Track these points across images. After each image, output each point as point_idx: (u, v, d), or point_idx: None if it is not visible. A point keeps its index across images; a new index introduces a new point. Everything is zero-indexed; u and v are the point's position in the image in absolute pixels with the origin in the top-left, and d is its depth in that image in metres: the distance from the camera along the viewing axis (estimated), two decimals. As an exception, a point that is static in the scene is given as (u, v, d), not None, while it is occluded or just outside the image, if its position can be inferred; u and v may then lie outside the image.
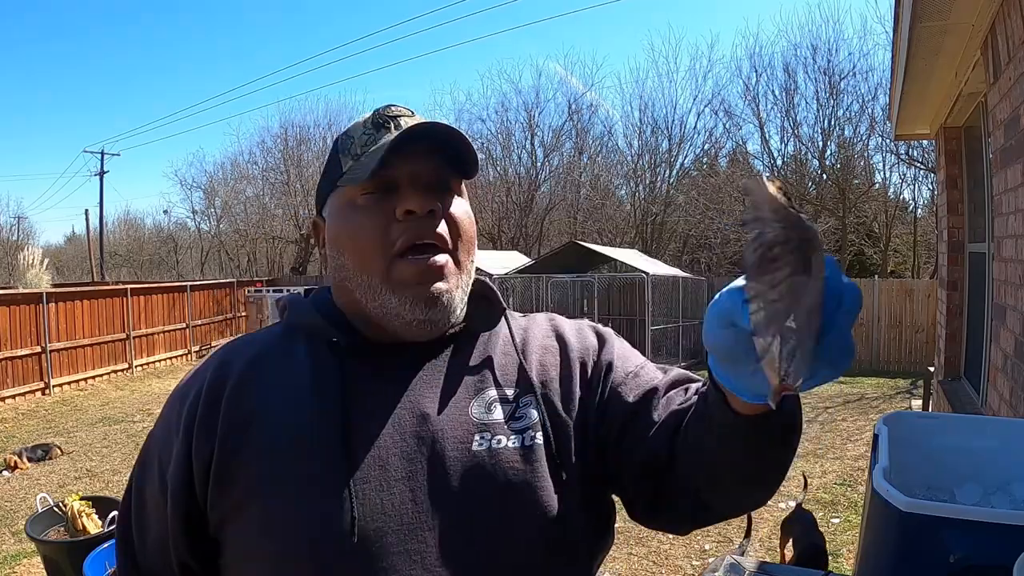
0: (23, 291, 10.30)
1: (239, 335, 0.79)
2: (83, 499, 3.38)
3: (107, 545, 2.78)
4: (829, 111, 15.88)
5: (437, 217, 0.71)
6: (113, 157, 30.74)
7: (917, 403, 7.59)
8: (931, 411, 4.98)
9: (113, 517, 3.09)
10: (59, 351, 9.78)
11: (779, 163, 17.05)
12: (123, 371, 11.21)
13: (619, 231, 18.79)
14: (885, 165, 16.65)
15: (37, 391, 9.45)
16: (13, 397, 9.04)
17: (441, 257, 0.71)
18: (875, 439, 1.40)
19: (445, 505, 0.66)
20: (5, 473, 5.87)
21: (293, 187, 21.34)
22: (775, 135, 17.68)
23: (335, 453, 0.66)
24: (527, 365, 0.76)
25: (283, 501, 0.65)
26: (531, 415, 0.73)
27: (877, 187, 16.53)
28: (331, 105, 34.19)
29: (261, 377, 0.71)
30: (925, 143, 12.42)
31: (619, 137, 20.77)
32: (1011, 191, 2.48)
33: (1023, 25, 2.14)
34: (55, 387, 9.61)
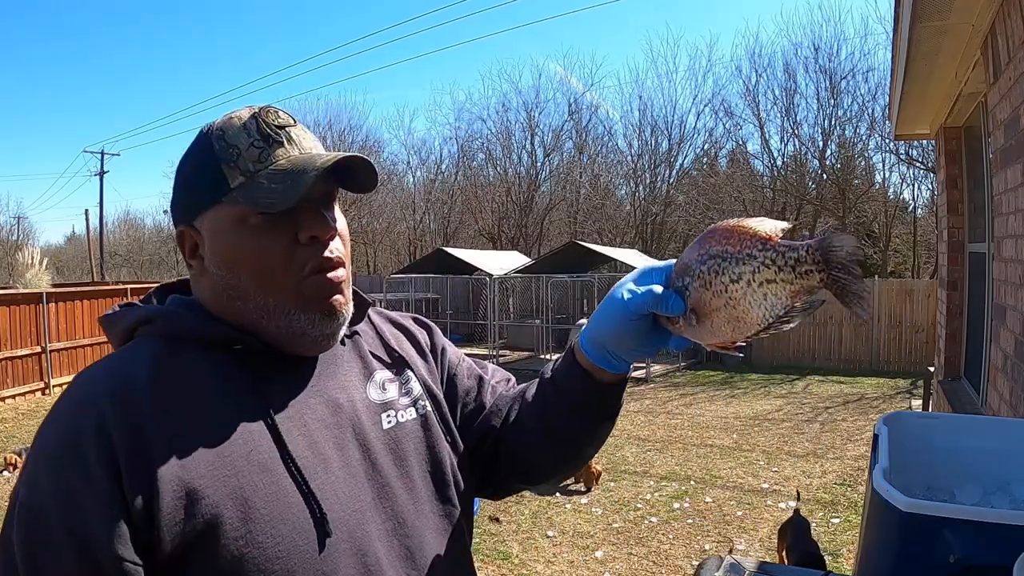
0: (23, 291, 10.30)
1: (96, 362, 0.72)
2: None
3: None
4: (829, 111, 15.91)
5: (337, 238, 0.74)
6: (113, 157, 30.79)
7: (917, 403, 7.59)
8: (931, 411, 4.98)
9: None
10: (59, 351, 9.78)
11: (779, 163, 17.06)
12: (123, 371, 11.18)
13: (619, 231, 18.80)
14: (885, 165, 16.68)
15: (37, 391, 9.46)
16: (13, 397, 9.05)
17: (341, 272, 0.74)
18: (875, 439, 1.40)
19: (378, 481, 0.74)
20: (5, 473, 5.87)
21: (293, 187, 21.27)
22: (775, 135, 17.72)
23: (278, 457, 0.68)
24: (394, 347, 0.86)
25: (249, 518, 0.64)
26: (415, 388, 0.84)
27: (877, 187, 16.54)
28: (331, 105, 34.25)
29: (175, 396, 0.67)
30: (925, 143, 12.42)
31: (619, 137, 20.82)
32: (1011, 191, 2.48)
33: (1023, 25, 2.14)
34: (55, 387, 9.61)
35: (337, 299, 0.74)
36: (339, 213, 0.77)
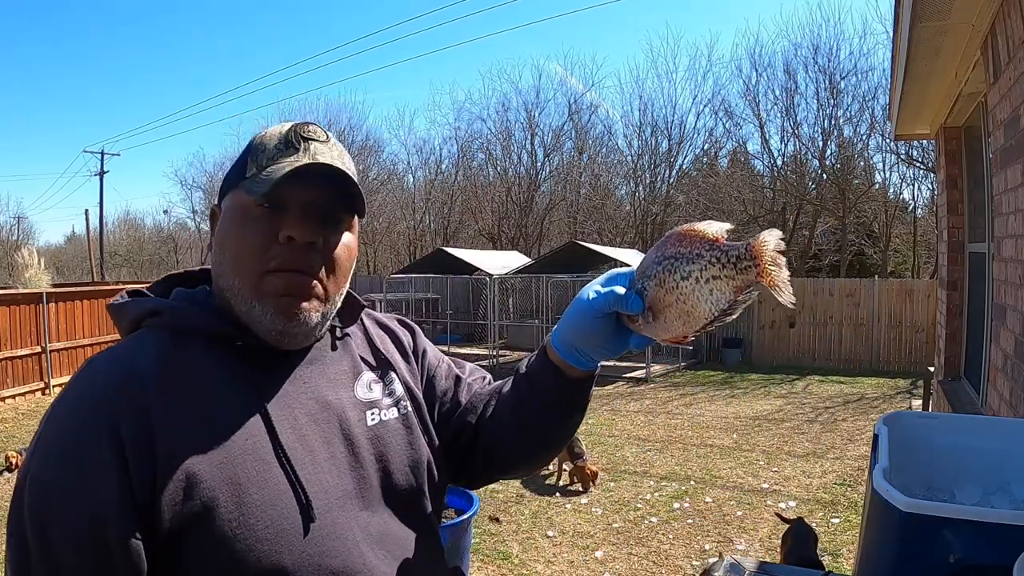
0: (23, 291, 10.29)
1: (103, 351, 0.76)
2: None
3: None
4: (829, 111, 15.89)
5: (315, 250, 0.78)
6: (113, 157, 30.80)
7: (917, 403, 7.59)
8: (931, 411, 4.98)
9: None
10: (59, 351, 9.77)
11: (779, 163, 17.06)
12: (123, 371, 11.18)
13: (619, 231, 18.79)
14: (885, 165, 16.66)
15: (37, 391, 9.45)
16: (13, 397, 9.04)
17: (306, 280, 0.77)
18: (875, 439, 1.40)
19: (360, 472, 0.80)
20: (5, 473, 5.87)
21: (293, 187, 21.29)
22: (775, 135, 17.70)
23: (270, 448, 0.73)
24: (381, 349, 0.93)
25: (242, 502, 0.69)
26: (398, 389, 0.90)
27: (877, 187, 16.53)
28: (331, 105, 34.23)
29: (180, 386, 0.72)
30: (925, 143, 12.42)
31: (619, 137, 20.79)
32: (1011, 191, 2.48)
33: (1023, 25, 2.14)
34: (55, 387, 9.59)
35: (299, 304, 0.77)
36: (348, 237, 0.82)
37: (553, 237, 19.64)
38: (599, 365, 0.84)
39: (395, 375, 0.91)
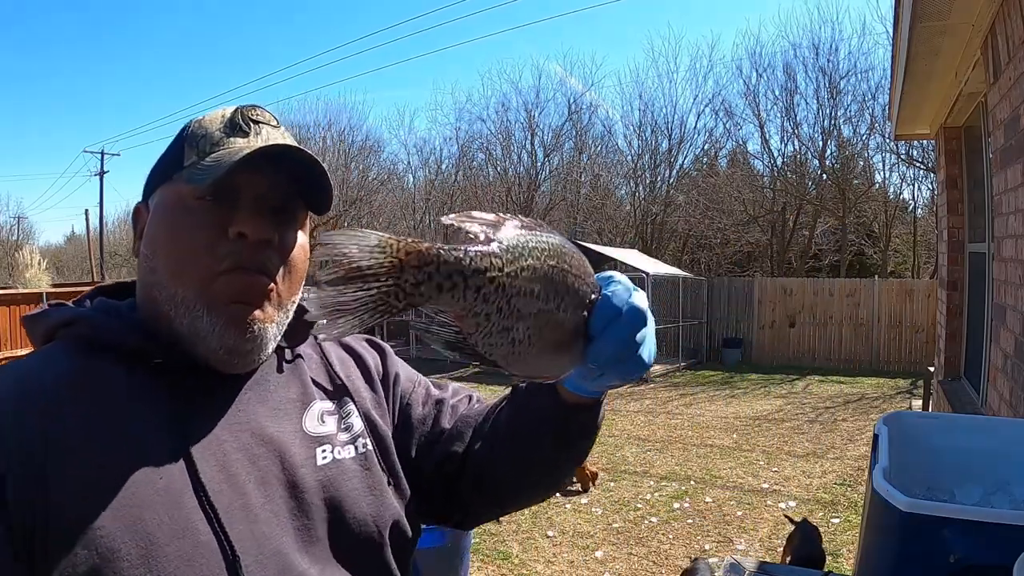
0: (23, 291, 10.29)
1: (2, 366, 0.67)
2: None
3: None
4: (829, 111, 15.88)
5: (271, 248, 0.67)
6: (113, 157, 30.82)
7: (917, 403, 7.59)
8: (931, 411, 4.98)
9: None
10: (59, 351, 9.77)
11: (779, 163, 17.06)
12: (123, 371, 11.16)
13: (619, 231, 18.78)
14: (885, 165, 16.66)
15: (37, 391, 9.45)
16: (13, 397, 9.04)
17: (263, 281, 0.66)
18: (875, 439, 1.40)
19: (303, 523, 0.66)
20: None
21: (293, 187, 21.30)
22: (775, 135, 17.71)
23: (190, 490, 0.60)
24: (339, 374, 0.78)
25: (150, 556, 0.57)
26: (356, 424, 0.75)
27: (877, 187, 16.52)
28: (331, 105, 34.24)
29: (82, 409, 0.60)
30: (925, 143, 12.42)
31: (619, 137, 20.78)
32: (1011, 191, 2.48)
33: (1023, 25, 2.14)
34: (55, 387, 9.59)
35: (254, 313, 0.66)
36: (301, 237, 0.71)
37: (553, 237, 19.61)
38: (600, 393, 0.68)
39: (354, 406, 0.76)
